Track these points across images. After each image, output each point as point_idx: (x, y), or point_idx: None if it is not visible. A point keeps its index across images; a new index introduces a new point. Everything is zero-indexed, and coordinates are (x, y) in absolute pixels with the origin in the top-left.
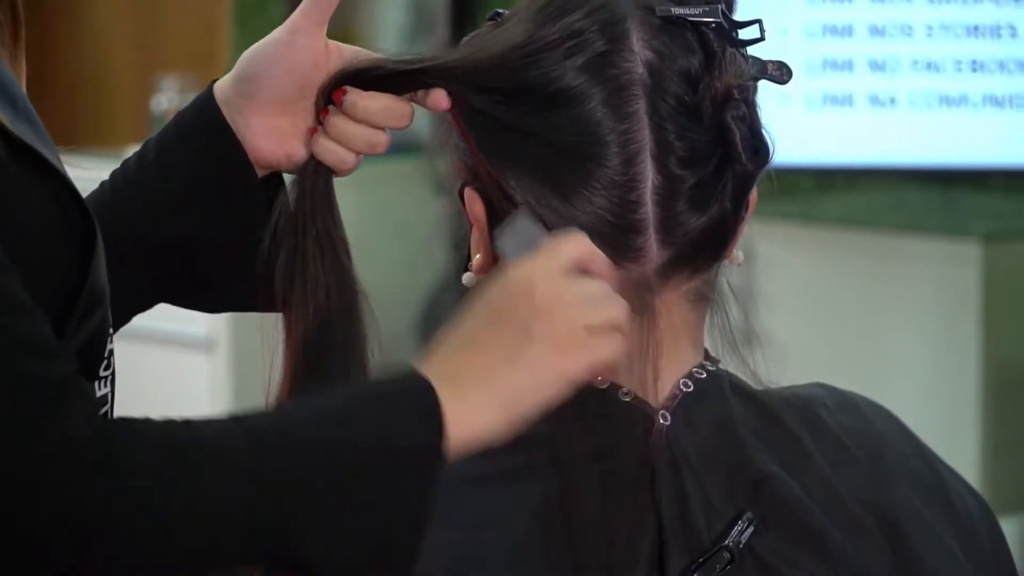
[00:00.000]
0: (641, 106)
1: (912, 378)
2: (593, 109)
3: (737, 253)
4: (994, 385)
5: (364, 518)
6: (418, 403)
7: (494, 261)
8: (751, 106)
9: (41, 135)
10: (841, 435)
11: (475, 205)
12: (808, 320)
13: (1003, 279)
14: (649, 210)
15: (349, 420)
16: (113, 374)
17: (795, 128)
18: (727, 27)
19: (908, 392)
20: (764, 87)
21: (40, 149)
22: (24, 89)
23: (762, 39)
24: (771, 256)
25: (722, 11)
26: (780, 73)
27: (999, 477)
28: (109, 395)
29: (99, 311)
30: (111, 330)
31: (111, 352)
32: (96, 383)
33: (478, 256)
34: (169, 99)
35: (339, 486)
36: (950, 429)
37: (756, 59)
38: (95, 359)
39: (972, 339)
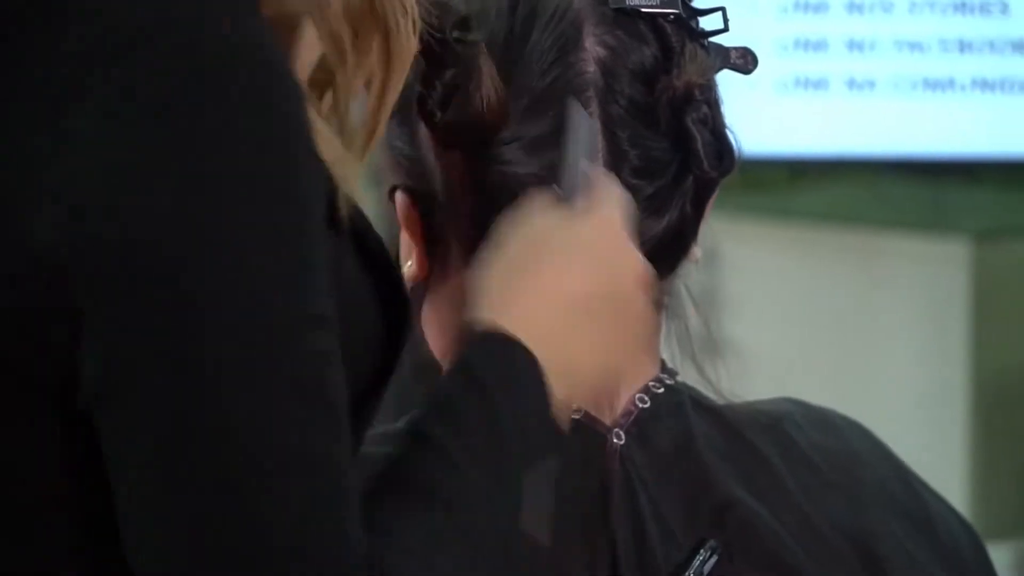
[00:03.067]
0: (595, 110)
1: (894, 390)
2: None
3: (694, 250)
4: (984, 397)
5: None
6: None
7: (427, 272)
8: (714, 106)
9: None
10: (814, 455)
11: (408, 210)
12: (779, 326)
13: (995, 281)
14: None
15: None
16: None
17: (764, 114)
18: (686, 18)
19: (889, 406)
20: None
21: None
22: None
23: (725, 30)
24: (738, 256)
25: (681, 0)
26: (745, 61)
27: (989, 499)
28: None
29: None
30: None
31: None
32: None
33: (410, 263)
34: None
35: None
36: (935, 446)
37: (718, 46)
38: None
39: (961, 347)
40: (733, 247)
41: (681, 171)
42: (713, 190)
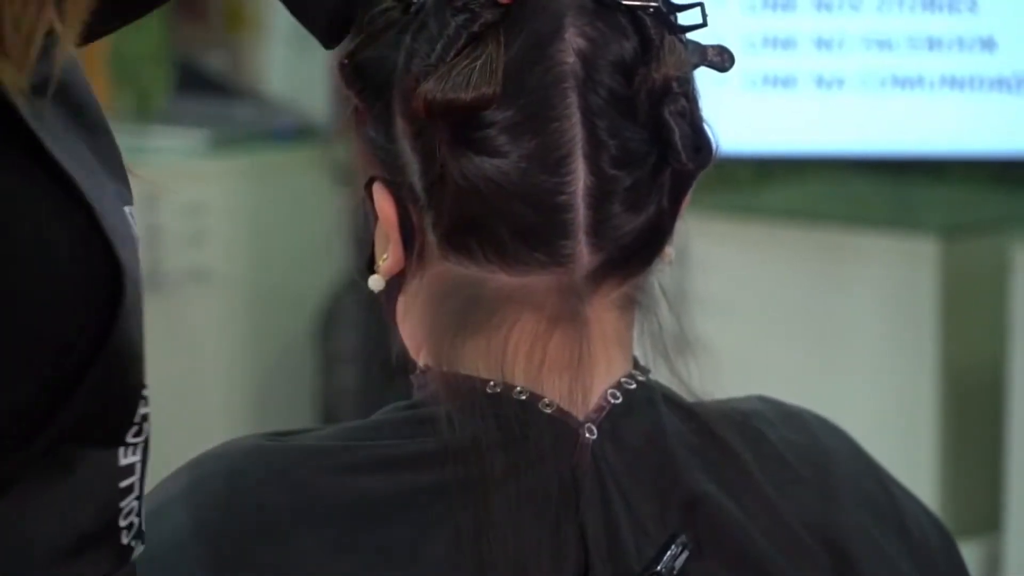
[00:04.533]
0: (574, 100)
1: (862, 389)
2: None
3: (668, 250)
4: (953, 397)
5: None
6: None
7: (403, 266)
8: (692, 99)
9: (101, 153)
10: (785, 452)
11: (384, 202)
12: (747, 324)
13: (962, 279)
14: (580, 213)
15: None
16: (147, 442)
17: (732, 112)
18: (666, 11)
19: (858, 404)
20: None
21: (75, 176)
22: None
23: (704, 25)
24: (706, 254)
25: None
26: (722, 59)
27: (959, 497)
28: (139, 464)
29: (128, 375)
30: (145, 392)
31: (145, 417)
32: (122, 450)
33: (385, 257)
34: None
35: None
36: (905, 445)
37: (695, 44)
38: (122, 424)
39: (929, 346)
40: (700, 244)
41: (659, 164)
42: (690, 184)
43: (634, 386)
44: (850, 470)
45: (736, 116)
